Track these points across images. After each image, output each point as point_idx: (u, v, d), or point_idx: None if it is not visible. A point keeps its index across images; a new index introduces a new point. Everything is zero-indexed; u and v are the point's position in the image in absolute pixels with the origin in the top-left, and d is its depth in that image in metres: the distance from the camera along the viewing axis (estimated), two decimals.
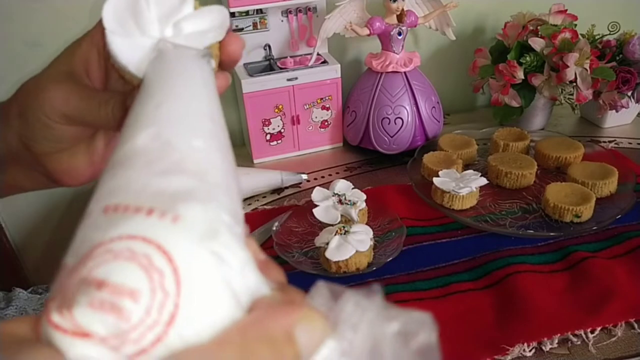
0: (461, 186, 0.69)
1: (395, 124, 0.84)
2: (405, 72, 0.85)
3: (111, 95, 0.31)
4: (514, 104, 0.86)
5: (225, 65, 0.31)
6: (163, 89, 0.25)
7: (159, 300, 0.17)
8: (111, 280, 0.17)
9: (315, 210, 0.66)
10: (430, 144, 0.85)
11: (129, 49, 0.28)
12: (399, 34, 0.83)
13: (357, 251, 0.59)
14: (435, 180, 0.71)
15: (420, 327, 0.19)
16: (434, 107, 0.87)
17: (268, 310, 0.18)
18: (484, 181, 0.70)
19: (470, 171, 0.73)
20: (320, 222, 0.66)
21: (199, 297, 0.18)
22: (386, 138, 0.85)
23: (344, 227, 0.61)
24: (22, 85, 0.33)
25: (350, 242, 0.59)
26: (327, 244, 0.59)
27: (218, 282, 0.18)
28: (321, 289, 0.20)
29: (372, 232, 0.62)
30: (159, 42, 0.28)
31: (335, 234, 0.60)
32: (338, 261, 0.59)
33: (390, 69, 0.84)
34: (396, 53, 0.84)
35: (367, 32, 0.82)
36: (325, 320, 0.19)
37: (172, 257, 0.18)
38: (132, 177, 0.21)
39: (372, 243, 0.61)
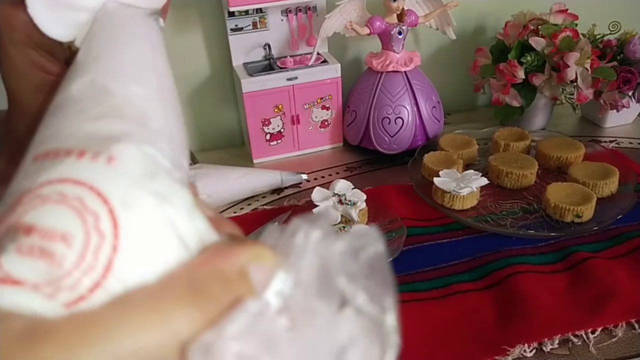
0: (462, 186, 0.69)
1: (396, 123, 0.84)
2: (405, 72, 0.84)
3: None
4: (515, 103, 0.86)
5: None
6: (103, 43, 0.23)
7: (95, 243, 0.16)
8: (40, 224, 0.16)
9: (315, 211, 0.66)
10: (431, 144, 0.84)
11: (81, 33, 0.25)
12: (399, 33, 0.82)
13: None
14: (435, 180, 0.70)
15: (366, 240, 0.19)
16: (434, 106, 0.87)
17: (218, 250, 0.18)
18: (484, 181, 0.70)
19: (471, 171, 0.73)
20: None
21: (140, 239, 0.17)
22: (386, 138, 0.85)
23: (344, 227, 0.61)
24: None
25: None
26: None
27: (161, 223, 0.17)
28: (273, 230, 0.20)
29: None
30: (106, 2, 0.25)
31: None
32: None
33: (390, 68, 0.83)
34: (396, 52, 0.84)
35: (368, 31, 0.81)
36: (275, 254, 0.18)
37: (107, 198, 0.16)
38: (63, 123, 0.19)
39: None
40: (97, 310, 0.15)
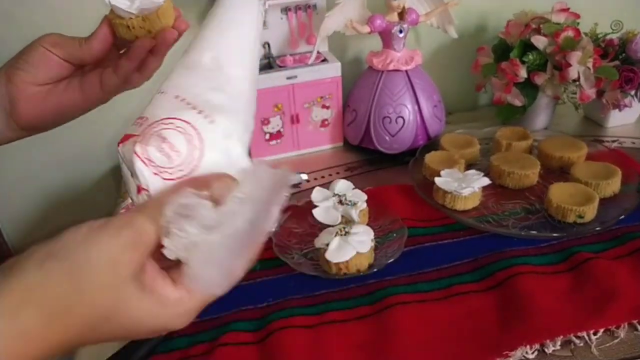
0: (463, 186, 0.68)
1: (397, 123, 0.83)
2: (406, 71, 0.84)
3: (88, 37, 0.45)
4: (517, 102, 0.85)
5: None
6: (225, 22, 0.40)
7: (192, 156, 0.33)
8: (169, 139, 0.33)
9: (315, 211, 0.65)
10: (432, 144, 0.84)
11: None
12: (400, 31, 0.82)
13: (357, 252, 0.58)
14: (437, 180, 0.70)
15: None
16: (435, 105, 0.86)
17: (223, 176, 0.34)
18: (486, 181, 0.70)
19: (473, 171, 0.72)
20: (320, 222, 0.65)
21: (211, 160, 0.34)
22: (387, 137, 0.84)
23: (344, 227, 0.61)
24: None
25: (351, 243, 0.58)
26: (327, 245, 0.59)
27: (224, 157, 0.35)
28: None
29: (372, 233, 0.61)
30: None
31: (336, 235, 0.59)
32: (338, 263, 0.58)
33: (391, 67, 0.83)
34: (397, 51, 0.83)
35: (368, 29, 0.81)
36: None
37: (203, 138, 0.34)
38: (195, 83, 0.36)
39: (373, 244, 0.61)
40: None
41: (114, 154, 0.94)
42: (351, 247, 0.58)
